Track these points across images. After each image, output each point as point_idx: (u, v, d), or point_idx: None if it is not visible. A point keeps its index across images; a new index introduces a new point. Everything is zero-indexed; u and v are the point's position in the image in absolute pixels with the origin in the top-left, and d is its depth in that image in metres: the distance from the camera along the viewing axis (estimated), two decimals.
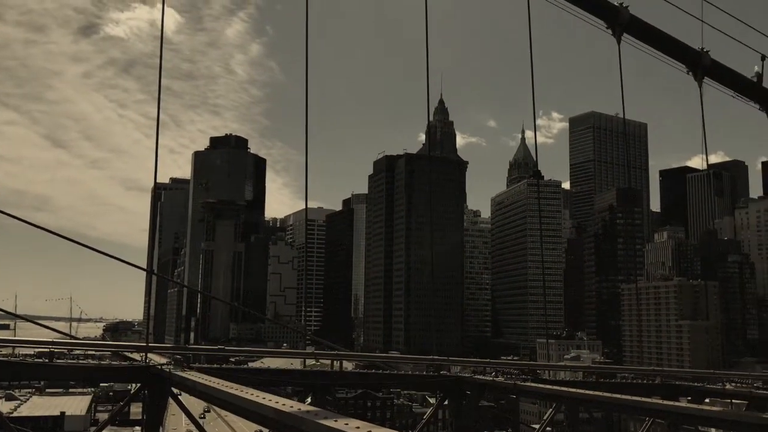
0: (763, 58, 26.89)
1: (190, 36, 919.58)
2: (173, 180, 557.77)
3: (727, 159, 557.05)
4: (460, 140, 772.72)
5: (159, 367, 19.35)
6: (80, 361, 24.83)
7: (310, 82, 22.02)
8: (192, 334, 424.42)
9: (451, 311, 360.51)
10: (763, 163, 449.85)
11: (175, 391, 18.88)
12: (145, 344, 20.36)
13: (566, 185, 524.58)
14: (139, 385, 19.82)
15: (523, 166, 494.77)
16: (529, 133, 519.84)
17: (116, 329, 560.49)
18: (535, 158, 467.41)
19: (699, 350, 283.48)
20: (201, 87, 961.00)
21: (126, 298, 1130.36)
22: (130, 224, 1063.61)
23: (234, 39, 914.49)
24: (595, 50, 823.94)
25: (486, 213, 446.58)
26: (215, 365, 26.73)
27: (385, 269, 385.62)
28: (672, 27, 25.95)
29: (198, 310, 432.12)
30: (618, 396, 21.46)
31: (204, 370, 20.48)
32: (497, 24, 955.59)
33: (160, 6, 23.42)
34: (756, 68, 27.38)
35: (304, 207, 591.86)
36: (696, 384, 29.90)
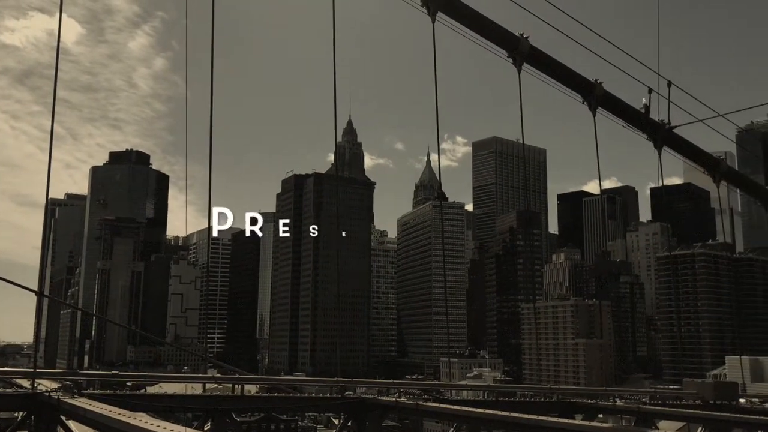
0: (650, 90, 28.69)
1: (90, 48, 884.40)
2: (69, 196, 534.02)
3: (620, 185, 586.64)
4: (368, 161, 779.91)
5: (47, 394, 18.38)
6: None
7: (216, 99, 21.74)
8: (86, 358, 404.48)
9: (357, 331, 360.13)
10: (651, 189, 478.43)
11: (65, 419, 17.97)
12: (32, 369, 19.31)
13: (469, 207, 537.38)
14: (25, 413, 18.76)
15: (429, 188, 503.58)
16: (434, 156, 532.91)
17: (3, 353, 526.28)
18: (439, 180, 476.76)
19: (593, 367, 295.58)
20: (101, 100, 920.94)
21: (15, 319, 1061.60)
22: (21, 241, 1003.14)
23: (137, 52, 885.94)
24: (498, 77, 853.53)
25: (393, 233, 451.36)
26: (109, 391, 25.55)
27: (292, 289, 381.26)
28: (570, 59, 27.28)
29: (93, 332, 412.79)
30: (517, 415, 22.03)
31: (97, 396, 19.54)
32: (404, 49, 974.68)
33: (58, 15, 22.57)
34: (644, 100, 29.18)
35: (207, 225, 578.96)
36: (589, 401, 31.11)
